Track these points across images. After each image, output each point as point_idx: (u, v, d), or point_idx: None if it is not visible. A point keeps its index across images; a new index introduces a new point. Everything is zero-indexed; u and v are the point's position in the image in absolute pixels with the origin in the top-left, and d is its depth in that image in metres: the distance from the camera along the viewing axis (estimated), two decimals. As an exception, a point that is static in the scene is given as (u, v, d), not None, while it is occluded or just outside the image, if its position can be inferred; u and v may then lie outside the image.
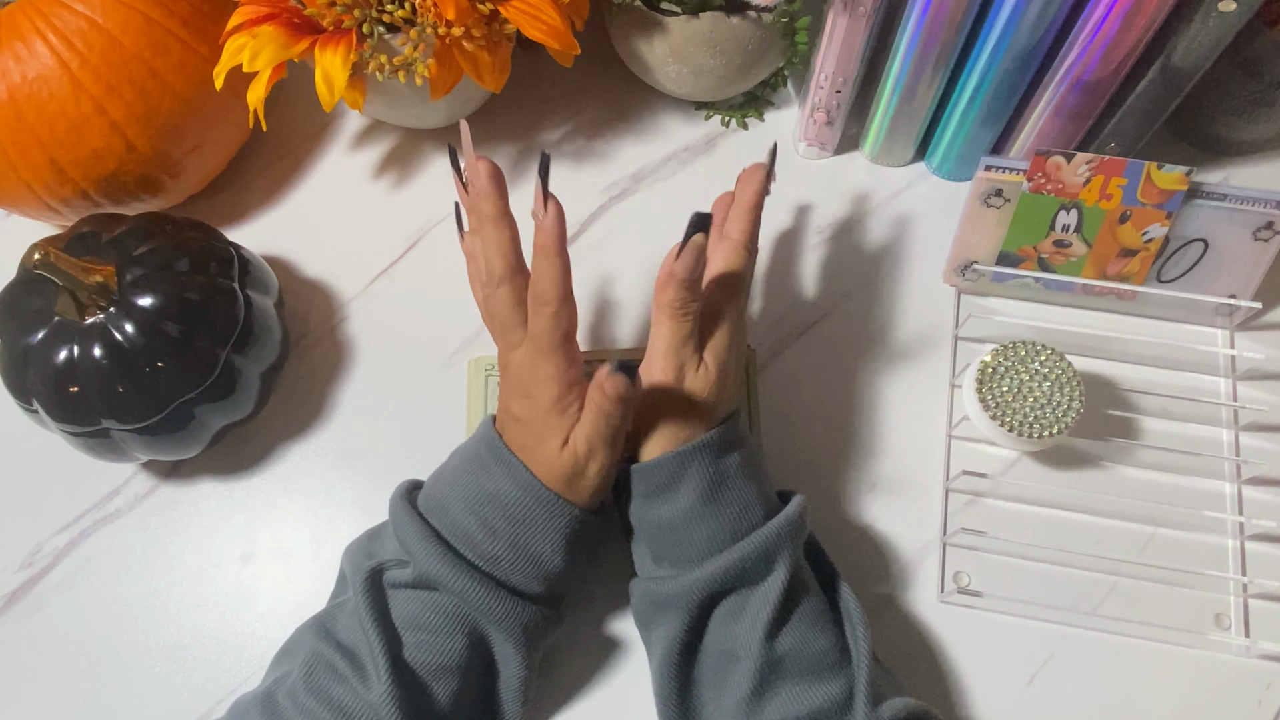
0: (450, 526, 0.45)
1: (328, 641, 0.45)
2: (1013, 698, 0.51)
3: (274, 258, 0.63)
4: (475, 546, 0.45)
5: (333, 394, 0.59)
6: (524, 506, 0.45)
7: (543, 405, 0.45)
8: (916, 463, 0.57)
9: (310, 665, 0.44)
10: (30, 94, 0.54)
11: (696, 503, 0.44)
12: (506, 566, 0.45)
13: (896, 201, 0.65)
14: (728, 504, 0.45)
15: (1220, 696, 0.51)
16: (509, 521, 0.45)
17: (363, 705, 0.42)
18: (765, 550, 0.44)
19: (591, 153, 0.67)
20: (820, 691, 0.43)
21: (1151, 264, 0.58)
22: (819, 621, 0.45)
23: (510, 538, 0.45)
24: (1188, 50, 0.52)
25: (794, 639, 0.44)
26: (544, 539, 0.45)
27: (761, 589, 0.44)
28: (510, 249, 0.46)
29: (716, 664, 0.45)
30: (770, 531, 0.44)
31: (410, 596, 0.45)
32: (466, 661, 0.44)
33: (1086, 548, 0.54)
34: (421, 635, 0.44)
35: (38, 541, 0.56)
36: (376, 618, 0.44)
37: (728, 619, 0.44)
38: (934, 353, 0.60)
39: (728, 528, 0.45)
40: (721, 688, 0.44)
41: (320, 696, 0.43)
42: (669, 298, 0.45)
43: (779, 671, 0.43)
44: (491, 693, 0.46)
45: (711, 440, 0.45)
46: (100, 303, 0.49)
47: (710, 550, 0.45)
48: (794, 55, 0.62)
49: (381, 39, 0.54)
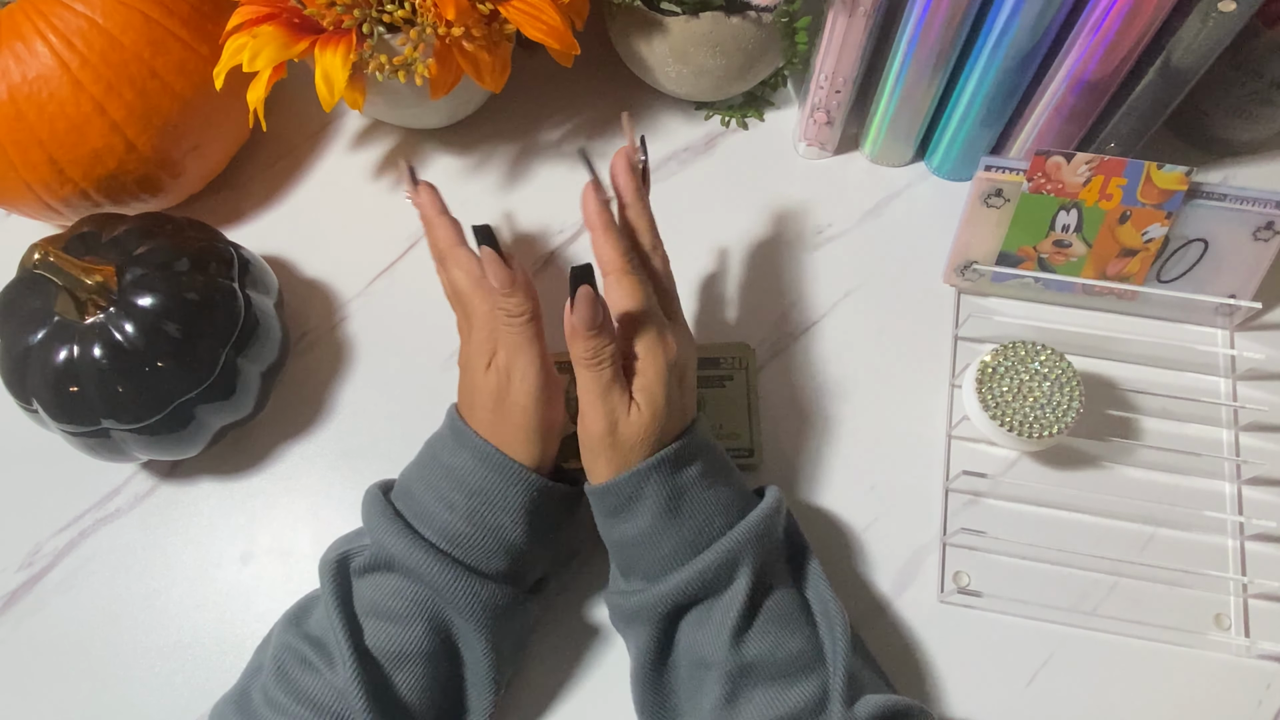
0: (411, 507, 0.46)
1: (297, 634, 0.45)
2: (1013, 698, 0.51)
3: (274, 258, 0.63)
4: (434, 524, 0.45)
5: (333, 394, 0.59)
6: (480, 477, 0.45)
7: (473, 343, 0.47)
8: (916, 463, 0.57)
9: (280, 659, 0.45)
10: (30, 94, 0.54)
11: (656, 519, 0.44)
12: (465, 543, 0.45)
13: (896, 201, 0.65)
14: (688, 516, 0.45)
15: (1220, 696, 0.51)
16: (466, 494, 0.45)
17: (332, 692, 0.42)
18: (727, 559, 0.44)
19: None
20: (793, 694, 0.43)
21: (1151, 264, 0.58)
22: (790, 622, 0.45)
23: (467, 510, 0.45)
24: (1188, 50, 0.52)
25: (764, 644, 0.43)
26: (502, 509, 0.45)
27: (725, 597, 0.44)
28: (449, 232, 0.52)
29: (689, 673, 0.45)
30: (732, 540, 0.44)
31: (371, 583, 0.45)
32: (429, 649, 0.44)
33: (1086, 548, 0.54)
34: (382, 623, 0.44)
35: (38, 541, 0.56)
36: (340, 605, 0.44)
37: (695, 627, 0.45)
38: (934, 353, 0.60)
39: (689, 539, 0.44)
40: (696, 695, 0.44)
41: (290, 689, 0.43)
42: (578, 352, 0.44)
43: (750, 677, 0.43)
44: (461, 680, 0.46)
45: (666, 457, 0.44)
46: (100, 303, 0.49)
47: (674, 564, 0.44)
48: (794, 55, 0.62)
49: (381, 39, 0.54)
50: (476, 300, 0.48)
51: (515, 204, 0.66)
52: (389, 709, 0.43)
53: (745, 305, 0.62)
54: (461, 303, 0.50)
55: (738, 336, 0.60)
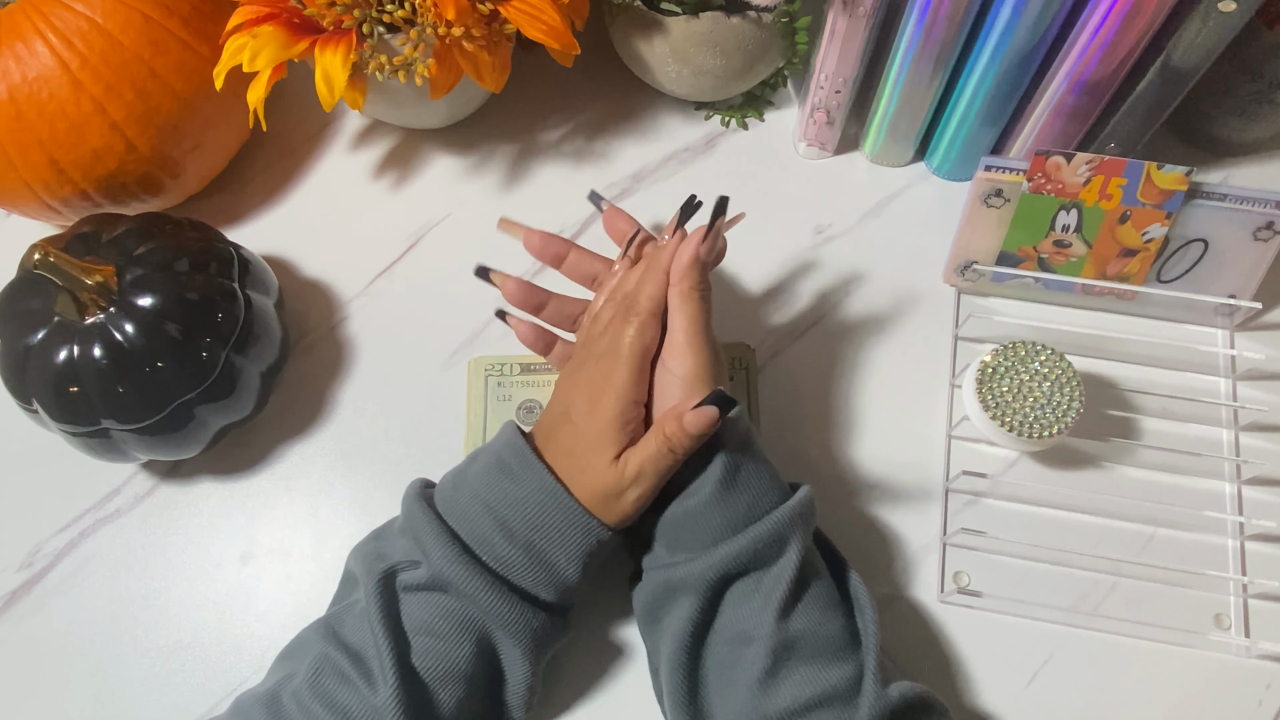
0: (466, 528, 0.45)
1: (335, 644, 0.44)
2: (1013, 698, 0.51)
3: (274, 258, 0.63)
4: (490, 549, 0.45)
5: (333, 394, 0.59)
6: (545, 512, 0.45)
7: (605, 415, 0.45)
8: (916, 463, 0.57)
9: (317, 668, 0.44)
10: (30, 94, 0.54)
11: (715, 489, 0.45)
12: (519, 571, 0.45)
13: (896, 201, 0.65)
14: (743, 489, 0.45)
15: (1220, 696, 0.51)
16: (527, 526, 0.45)
17: (368, 709, 0.42)
18: (778, 533, 0.44)
19: (591, 153, 0.67)
20: (833, 673, 0.43)
21: (1151, 264, 0.58)
22: (830, 605, 0.45)
23: (526, 542, 0.45)
24: (1188, 50, 0.52)
25: (807, 621, 0.44)
26: (560, 549, 0.45)
27: (774, 570, 0.44)
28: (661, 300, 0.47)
29: (729, 647, 0.45)
30: (783, 514, 0.45)
31: (422, 600, 0.45)
32: (473, 668, 0.44)
33: (1086, 548, 0.54)
34: (430, 640, 0.44)
35: (38, 541, 0.56)
36: (386, 621, 0.44)
37: (741, 600, 0.45)
38: (934, 353, 0.60)
39: (743, 512, 0.45)
40: (732, 671, 0.44)
41: (325, 700, 0.43)
42: (694, 281, 0.46)
43: (792, 652, 0.43)
44: (497, 699, 0.46)
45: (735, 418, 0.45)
46: (100, 303, 0.49)
47: (724, 534, 0.45)
48: (794, 55, 0.62)
49: (381, 39, 0.54)
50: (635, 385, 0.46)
51: (515, 204, 0.66)
52: None
53: (745, 305, 0.62)
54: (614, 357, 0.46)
55: (738, 336, 0.60)
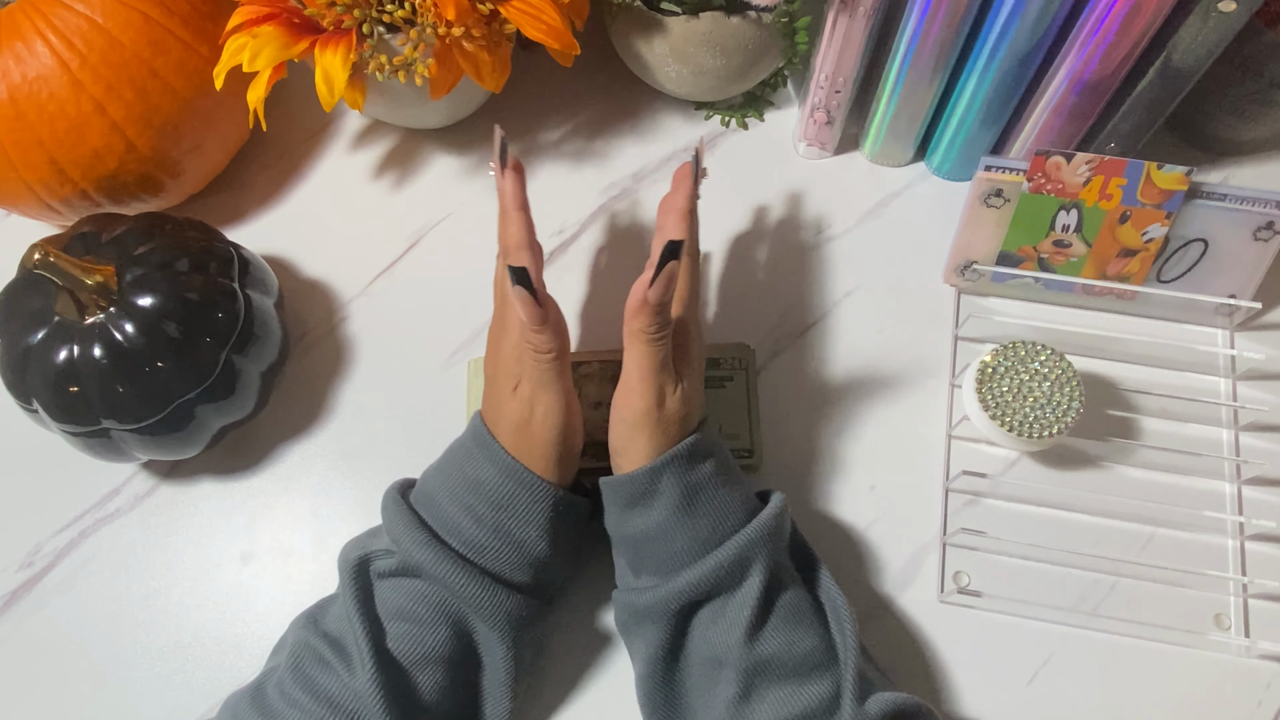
0: (436, 515, 0.46)
1: (315, 633, 0.45)
2: (1013, 698, 0.51)
3: (274, 258, 0.63)
4: (460, 534, 0.45)
5: (333, 394, 0.59)
6: (505, 491, 0.45)
7: (503, 354, 0.47)
8: (916, 463, 0.57)
9: (297, 656, 0.45)
10: (30, 94, 0.54)
11: (671, 514, 0.44)
12: (491, 554, 0.45)
13: (896, 201, 0.65)
14: (702, 513, 0.45)
15: (1220, 696, 0.51)
16: (492, 507, 0.45)
17: (349, 693, 0.42)
18: (740, 556, 0.44)
19: (591, 153, 0.67)
20: (807, 692, 0.43)
21: (1151, 264, 0.58)
22: (802, 621, 0.45)
23: (494, 524, 0.45)
24: (1188, 50, 0.52)
25: (777, 641, 0.44)
26: (526, 523, 0.45)
27: (739, 594, 0.44)
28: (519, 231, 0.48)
29: (701, 671, 0.45)
30: (745, 537, 0.44)
31: (395, 586, 0.45)
32: (450, 653, 0.45)
33: (1086, 548, 0.54)
34: (405, 625, 0.44)
35: (38, 541, 0.56)
36: (361, 606, 0.44)
37: (708, 624, 0.45)
38: (934, 353, 0.60)
39: (703, 536, 0.45)
40: (709, 693, 0.44)
41: (307, 686, 0.43)
42: (643, 324, 0.44)
43: (764, 674, 0.43)
44: (478, 686, 0.46)
45: (682, 451, 0.45)
46: (100, 303, 0.49)
47: (687, 560, 0.45)
48: (794, 55, 0.62)
49: (381, 39, 0.54)
50: (512, 318, 0.48)
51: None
52: (407, 712, 0.43)
53: (745, 305, 0.62)
54: (503, 306, 0.50)
55: (738, 336, 0.60)
